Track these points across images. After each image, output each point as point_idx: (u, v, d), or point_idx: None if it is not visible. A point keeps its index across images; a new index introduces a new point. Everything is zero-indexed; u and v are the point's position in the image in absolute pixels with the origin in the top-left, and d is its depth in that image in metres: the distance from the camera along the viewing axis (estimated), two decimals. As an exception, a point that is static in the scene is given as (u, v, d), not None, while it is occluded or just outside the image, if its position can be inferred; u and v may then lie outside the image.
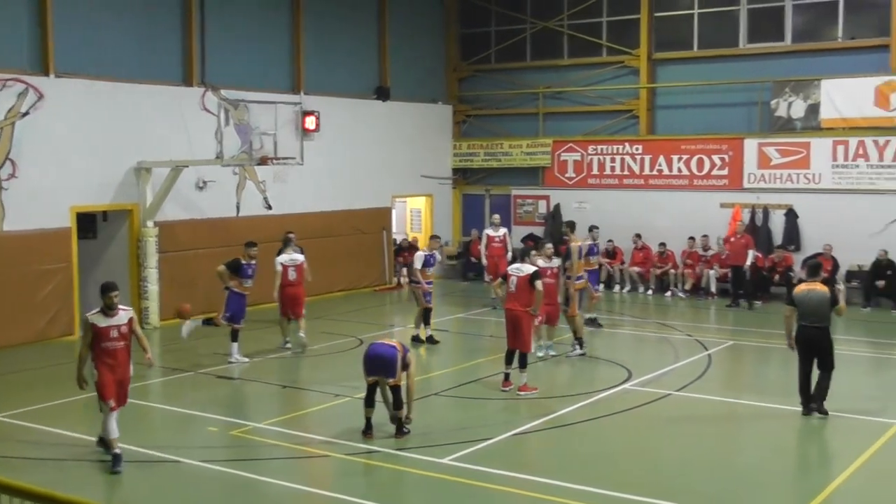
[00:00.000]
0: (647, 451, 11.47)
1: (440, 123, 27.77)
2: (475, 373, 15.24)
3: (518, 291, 13.80)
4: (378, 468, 10.78)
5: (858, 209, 22.12)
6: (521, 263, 14.23)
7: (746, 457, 11.28)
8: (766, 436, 12.16)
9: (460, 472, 10.35)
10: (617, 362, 15.98)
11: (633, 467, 10.84)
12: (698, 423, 12.68)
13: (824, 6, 23.35)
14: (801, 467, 11.02)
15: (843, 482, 10.16)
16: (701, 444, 11.71)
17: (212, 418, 12.67)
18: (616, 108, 26.09)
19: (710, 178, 24.24)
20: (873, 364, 16.18)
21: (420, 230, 27.83)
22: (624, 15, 25.76)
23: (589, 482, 9.99)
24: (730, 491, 9.93)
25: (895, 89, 21.85)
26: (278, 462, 10.89)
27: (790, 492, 9.90)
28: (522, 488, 9.87)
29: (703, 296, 23.35)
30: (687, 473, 10.53)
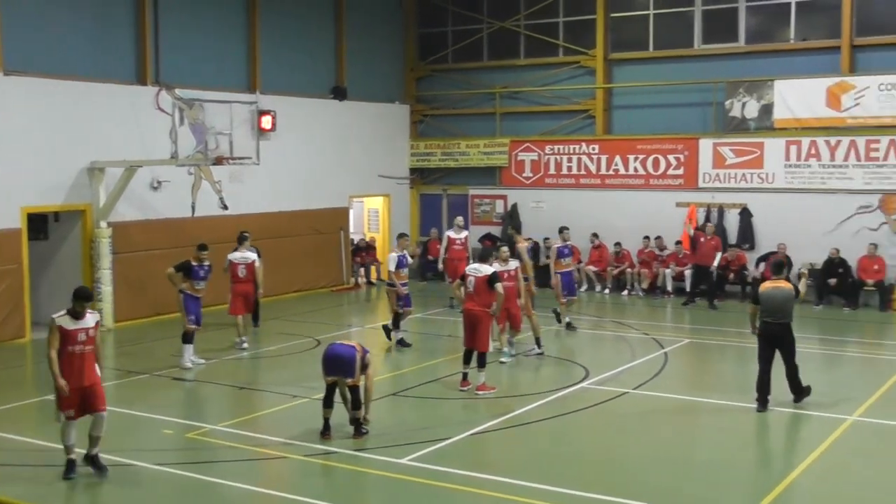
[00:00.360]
0: (606, 449, 11.53)
1: (397, 123, 27.72)
2: (434, 373, 15.22)
3: (476, 291, 13.81)
4: (336, 469, 10.72)
5: (811, 208, 22.42)
6: (479, 264, 14.25)
7: (704, 453, 11.38)
8: (723, 432, 12.27)
9: (419, 472, 10.32)
10: (574, 361, 16.06)
11: (592, 465, 10.88)
12: (656, 420, 12.76)
13: (777, 8, 23.64)
14: (758, 463, 11.12)
15: (799, 476, 10.29)
16: (658, 441, 11.78)
17: (167, 420, 12.53)
18: (573, 108, 26.21)
19: (665, 178, 24.44)
20: (826, 361, 16.38)
21: (378, 230, 27.78)
22: (580, 15, 25.88)
23: (548, 480, 10.01)
24: (687, 487, 10.01)
25: (846, 90, 22.18)
26: (235, 464, 10.79)
27: (747, 487, 9.99)
28: (482, 487, 9.87)
29: (660, 295, 23.54)
30: (645, 470, 10.58)
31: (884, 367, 15.84)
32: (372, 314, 23.12)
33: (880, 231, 21.93)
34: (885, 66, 22.10)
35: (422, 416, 12.98)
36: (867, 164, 22.01)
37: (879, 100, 21.82)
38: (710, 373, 16.14)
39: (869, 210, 22.06)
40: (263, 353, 17.00)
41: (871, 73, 22.08)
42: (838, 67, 22.54)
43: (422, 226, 27.85)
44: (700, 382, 15.27)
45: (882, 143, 21.82)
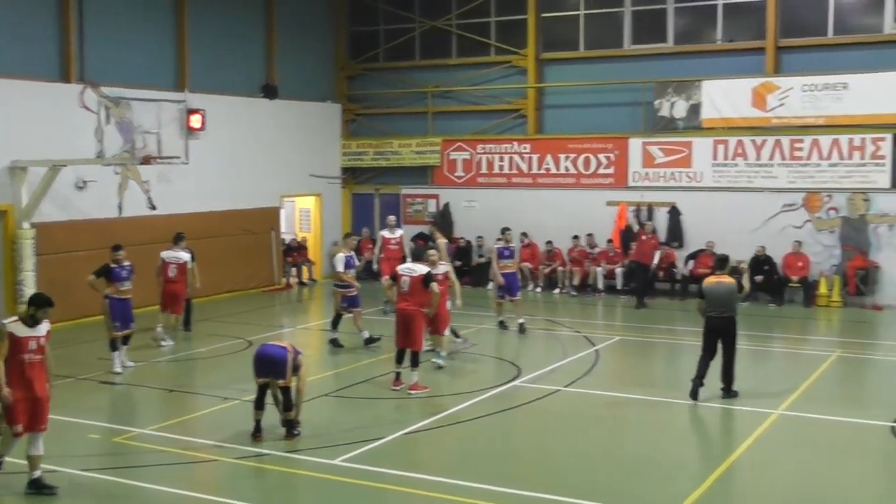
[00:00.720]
0: (538, 447, 11.59)
1: (329, 122, 27.56)
2: (367, 373, 15.15)
3: (411, 291, 13.79)
4: (268, 471, 10.61)
5: (738, 206, 22.83)
6: (412, 264, 14.21)
7: (634, 449, 11.50)
8: (653, 428, 12.43)
9: (352, 472, 10.26)
10: (506, 359, 16.13)
11: (524, 463, 10.93)
12: (587, 417, 12.88)
13: (704, 9, 24.01)
14: (687, 457, 11.27)
15: (727, 470, 10.45)
16: (590, 438, 11.88)
17: (93, 425, 12.27)
18: (504, 108, 26.32)
19: (596, 177, 24.67)
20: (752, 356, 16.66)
21: (309, 230, 27.59)
22: (511, 15, 26.00)
23: (480, 479, 10.03)
24: (618, 483, 10.10)
25: (771, 90, 22.61)
26: (164, 468, 10.61)
27: (677, 481, 10.11)
28: (415, 487, 9.85)
29: (591, 293, 23.75)
30: (577, 467, 10.66)
31: (808, 362, 16.19)
32: (304, 315, 22.96)
33: (804, 229, 22.42)
34: (808, 67, 22.59)
35: (355, 416, 12.91)
36: (791, 163, 22.48)
37: (803, 100, 22.29)
38: (640, 369, 16.33)
39: (793, 208, 22.53)
40: (194, 354, 16.76)
41: (795, 74, 22.56)
42: (763, 68, 22.99)
43: (354, 225, 27.70)
44: (631, 379, 15.44)
45: (805, 142, 22.30)
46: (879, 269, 21.80)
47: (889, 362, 16.76)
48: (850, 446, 11.49)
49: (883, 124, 21.62)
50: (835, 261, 22.20)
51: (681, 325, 19.68)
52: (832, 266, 22.20)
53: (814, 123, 22.25)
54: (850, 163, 21.95)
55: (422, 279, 13.76)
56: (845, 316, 20.99)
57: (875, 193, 21.80)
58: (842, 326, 20.23)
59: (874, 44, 22.20)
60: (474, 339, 17.80)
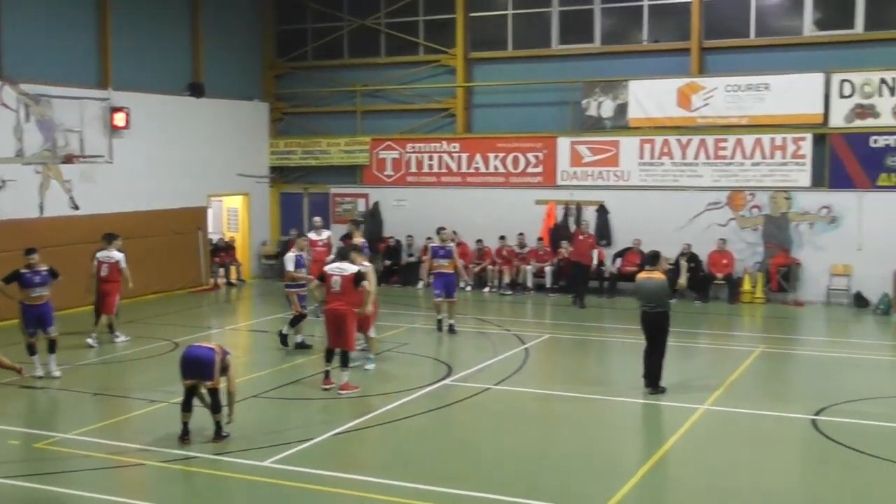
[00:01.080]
0: (468, 445, 11.60)
1: (256, 121, 27.29)
2: (296, 373, 15.03)
3: (342, 290, 13.70)
4: (196, 474, 10.44)
5: (664, 205, 23.17)
6: (341, 263, 14.11)
7: (564, 446, 11.57)
8: (582, 424, 12.54)
9: (282, 474, 10.16)
10: (437, 358, 16.13)
11: (454, 461, 10.93)
12: (517, 415, 12.94)
13: (630, 10, 24.31)
14: (616, 453, 11.37)
15: (655, 465, 10.58)
16: (520, 436, 11.93)
17: (13, 431, 11.94)
18: (433, 107, 26.33)
19: (525, 176, 24.82)
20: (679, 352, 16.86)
21: (237, 230, 27.28)
22: (440, 14, 26.02)
23: (410, 478, 10.01)
24: (548, 480, 10.15)
25: (696, 91, 22.98)
26: (88, 473, 10.37)
27: (606, 477, 10.19)
28: (345, 487, 9.79)
29: (521, 291, 23.89)
30: (506, 465, 10.69)
31: (733, 358, 16.48)
32: (232, 315, 22.70)
33: (729, 227, 22.85)
34: (731, 67, 23.02)
35: (284, 417, 12.79)
36: (716, 162, 22.88)
37: (726, 100, 22.70)
38: (570, 367, 16.44)
39: (718, 206, 22.95)
40: (120, 357, 16.45)
41: (719, 75, 22.96)
42: (688, 69, 23.36)
43: (282, 225, 27.53)
44: (560, 376, 15.54)
45: (729, 141, 22.72)
46: (801, 266, 22.31)
47: (810, 357, 17.15)
48: (774, 439, 11.73)
49: (803, 124, 22.13)
50: (758, 258, 22.67)
51: (610, 322, 19.91)
52: (755, 263, 22.67)
53: (737, 123, 22.68)
54: (772, 162, 22.42)
55: (353, 278, 13.69)
56: (768, 312, 21.43)
57: (796, 192, 22.30)
58: (765, 322, 20.65)
59: (794, 45, 22.71)
60: (405, 338, 17.79)
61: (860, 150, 21.70)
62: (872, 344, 18.46)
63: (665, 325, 13.64)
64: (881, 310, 20.87)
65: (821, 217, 22.14)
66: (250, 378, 14.55)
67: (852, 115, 21.75)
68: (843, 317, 20.84)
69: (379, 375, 15.01)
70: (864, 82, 21.60)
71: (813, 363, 16.60)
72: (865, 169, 21.70)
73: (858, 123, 21.71)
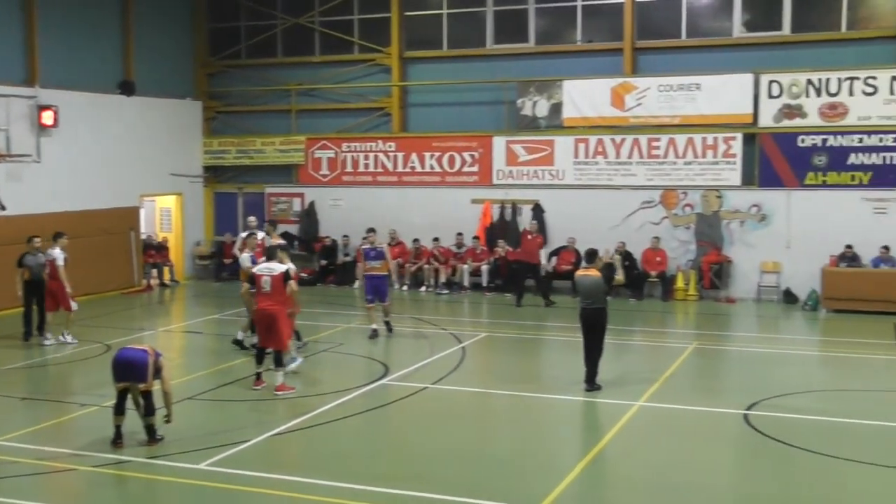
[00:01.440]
0: (405, 445, 11.59)
1: (189, 120, 26.94)
2: (231, 375, 14.86)
3: (272, 290, 13.62)
4: (129, 479, 10.27)
5: (598, 204, 23.39)
6: (269, 263, 14.03)
7: (500, 444, 11.61)
8: (519, 423, 12.60)
9: (218, 476, 10.04)
10: (374, 358, 16.07)
11: (391, 461, 10.91)
12: (454, 414, 12.95)
13: (564, 10, 24.49)
14: (553, 451, 11.45)
15: (591, 461, 10.66)
16: (457, 435, 11.94)
17: (-61, 437, 11.63)
18: (369, 106, 26.26)
19: (461, 175, 24.87)
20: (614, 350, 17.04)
21: (170, 230, 26.91)
22: (375, 13, 25.95)
23: (347, 478, 9.96)
24: (485, 479, 10.17)
25: (629, 90, 23.24)
26: (17, 480, 10.12)
27: (543, 475, 10.25)
28: (282, 489, 9.70)
29: (458, 290, 23.93)
30: (443, 464, 10.70)
31: (667, 354, 16.71)
32: (166, 317, 22.38)
33: (662, 225, 23.15)
34: (663, 68, 23.33)
35: (219, 419, 12.63)
36: (649, 161, 23.17)
37: (659, 100, 23.00)
38: (506, 365, 16.50)
39: (651, 205, 23.24)
40: (49, 360, 16.11)
41: (651, 75, 23.25)
42: (621, 69, 23.61)
43: (217, 225, 27.24)
44: (497, 375, 15.59)
45: (662, 141, 23.02)
46: (732, 264, 22.69)
47: (742, 353, 17.45)
48: (708, 434, 11.91)
49: (733, 124, 22.52)
50: (690, 256, 23.01)
51: (545, 320, 20.03)
52: (688, 261, 23.00)
53: (669, 123, 22.99)
54: (703, 161, 22.77)
55: (282, 277, 13.64)
56: (701, 309, 21.77)
57: (727, 191, 22.67)
58: (698, 319, 20.96)
59: (724, 46, 23.09)
60: (341, 338, 17.72)
61: (788, 149, 22.15)
62: (801, 339, 18.89)
63: (603, 321, 13.81)
64: (809, 306, 21.32)
65: (751, 215, 22.55)
66: (185, 380, 14.36)
67: (780, 115, 22.19)
68: (773, 313, 21.25)
69: (316, 376, 14.92)
70: (791, 83, 22.05)
71: (744, 359, 16.90)
72: (793, 168, 22.16)
73: (786, 123, 22.16)
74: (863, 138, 21.61)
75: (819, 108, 21.90)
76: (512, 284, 22.71)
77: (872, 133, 21.54)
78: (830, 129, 21.83)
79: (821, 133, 21.90)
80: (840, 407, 12.96)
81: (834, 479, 10.11)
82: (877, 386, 14.29)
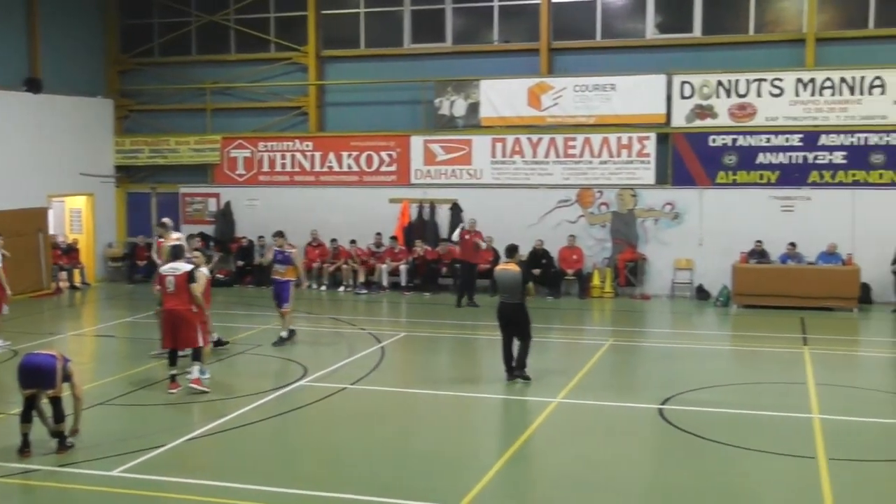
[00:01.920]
0: (325, 446, 11.50)
1: (100, 118, 26.36)
2: (144, 379, 14.56)
3: (177, 291, 13.46)
4: (38, 488, 9.98)
5: (516, 203, 23.57)
6: (174, 263, 13.84)
7: (421, 443, 11.61)
8: (439, 422, 12.62)
9: (132, 483, 9.83)
10: (292, 359, 15.93)
11: (311, 462, 10.83)
12: (374, 414, 12.90)
13: (481, 10, 24.61)
14: (473, 449, 11.47)
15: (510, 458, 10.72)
16: (377, 435, 11.89)
17: None
18: (286, 105, 26.03)
19: (379, 175, 24.81)
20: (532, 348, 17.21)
21: (81, 231, 26.29)
22: (291, 11, 25.73)
23: (266, 481, 9.85)
24: (406, 478, 10.16)
25: (545, 90, 23.46)
26: (-81, 491, 9.79)
27: (464, 473, 10.26)
28: (198, 494, 9.54)
29: (376, 290, 23.86)
30: (363, 464, 10.64)
31: (584, 351, 16.91)
32: (76, 320, 21.84)
33: (578, 223, 23.43)
34: (579, 68, 23.59)
35: (133, 424, 12.36)
36: (565, 160, 23.42)
37: (575, 100, 23.26)
38: (425, 364, 16.52)
39: (568, 204, 23.49)
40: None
41: (567, 75, 23.50)
42: (538, 69, 23.81)
43: (129, 226, 26.72)
44: (416, 374, 15.61)
45: (578, 140, 23.29)
46: (647, 261, 23.06)
47: (657, 348, 17.77)
48: (624, 429, 12.08)
49: (647, 124, 22.89)
50: (606, 254, 23.32)
51: (464, 319, 20.08)
52: (604, 259, 23.31)
53: (585, 122, 23.27)
54: (618, 160, 23.10)
55: (186, 277, 13.49)
56: (617, 306, 22.09)
57: (642, 189, 23.04)
58: (614, 316, 21.26)
59: (638, 47, 23.46)
60: (259, 339, 17.52)
61: (700, 149, 22.60)
62: (713, 335, 19.31)
63: (520, 317, 13.96)
64: (721, 302, 21.80)
65: (665, 213, 22.95)
66: (97, 385, 14.03)
67: (693, 115, 22.63)
68: (686, 309, 21.67)
69: (233, 379, 14.73)
70: (702, 84, 22.51)
71: (659, 354, 17.20)
72: (705, 167, 22.62)
73: (698, 123, 22.61)
74: (770, 138, 22.18)
75: (729, 108, 22.41)
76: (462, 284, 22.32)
77: (779, 133, 22.13)
78: (740, 129, 22.36)
79: (731, 133, 22.41)
80: (749, 400, 13.27)
81: (741, 469, 10.36)
82: (784, 379, 14.67)
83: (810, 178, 22.00)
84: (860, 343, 18.36)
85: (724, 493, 9.72)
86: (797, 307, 20.43)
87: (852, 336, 18.73)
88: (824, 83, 21.79)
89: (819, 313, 20.23)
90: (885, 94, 21.48)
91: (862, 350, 17.78)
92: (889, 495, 9.70)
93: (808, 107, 21.94)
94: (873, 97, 21.57)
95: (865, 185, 21.73)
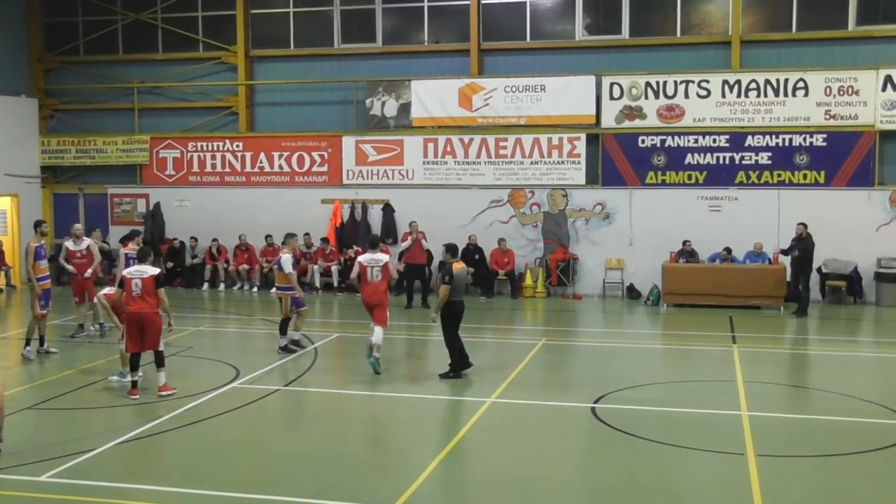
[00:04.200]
0: (258, 448, 11.41)
1: (24, 118, 25.82)
2: (76, 382, 14.29)
3: (145, 293, 13.27)
4: (-37, 495, 9.75)
5: (448, 203, 23.65)
6: (139, 265, 13.65)
7: (353, 445, 11.59)
8: (372, 422, 12.62)
9: (60, 488, 9.64)
10: (224, 361, 15.77)
11: (243, 465, 10.73)
12: (307, 415, 12.86)
13: (411, 11, 24.64)
14: (406, 449, 11.48)
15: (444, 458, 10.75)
16: (310, 436, 11.85)
17: None
18: (215, 105, 25.77)
19: (311, 175, 24.70)
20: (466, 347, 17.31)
21: (6, 232, 25.70)
22: (219, 10, 25.47)
23: (197, 484, 9.73)
24: (339, 480, 10.12)
25: (476, 91, 23.58)
26: None
27: (399, 473, 10.27)
28: (128, 498, 9.40)
29: (308, 291, 23.71)
30: (296, 466, 10.58)
31: (517, 351, 17.01)
32: (2, 323, 21.33)
33: (510, 223, 23.59)
34: (509, 69, 23.77)
35: (61, 428, 12.12)
36: (497, 160, 23.56)
37: (505, 101, 23.43)
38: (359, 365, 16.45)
39: (500, 204, 23.64)
40: None
41: (498, 76, 23.65)
42: (468, 70, 23.92)
43: (56, 227, 26.16)
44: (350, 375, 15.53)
45: (509, 141, 23.45)
46: (578, 261, 23.31)
47: (589, 347, 17.96)
48: (557, 427, 12.19)
49: (577, 124, 23.14)
50: (538, 254, 23.52)
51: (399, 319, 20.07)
52: (536, 259, 23.51)
53: (516, 123, 23.45)
54: (549, 161, 23.32)
55: (153, 280, 13.32)
56: (549, 305, 22.29)
57: (572, 189, 23.28)
58: (546, 315, 21.45)
59: (567, 49, 23.71)
60: (190, 341, 17.32)
61: (629, 149, 22.93)
62: (644, 333, 19.58)
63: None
64: (651, 301, 22.13)
65: (595, 213, 23.23)
66: (23, 389, 13.75)
67: (622, 116, 22.95)
68: (617, 308, 21.96)
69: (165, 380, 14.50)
70: (631, 85, 22.83)
71: (591, 353, 17.40)
72: (635, 167, 22.95)
73: (627, 124, 22.93)
74: (698, 139, 22.59)
75: (657, 109, 22.77)
76: (400, 286, 22.22)
77: (706, 134, 22.54)
78: (668, 129, 22.73)
79: (659, 134, 22.77)
80: (680, 397, 13.49)
81: (673, 467, 10.52)
82: (714, 376, 14.93)
83: (737, 178, 22.47)
84: (787, 341, 18.79)
85: (656, 490, 9.86)
86: (726, 306, 20.84)
87: (779, 334, 19.15)
88: (750, 85, 22.27)
89: (747, 312, 20.66)
90: (809, 95, 22.03)
91: (788, 348, 18.18)
92: (816, 490, 9.94)
93: (734, 108, 22.40)
94: (797, 98, 22.10)
95: (790, 184, 22.25)
